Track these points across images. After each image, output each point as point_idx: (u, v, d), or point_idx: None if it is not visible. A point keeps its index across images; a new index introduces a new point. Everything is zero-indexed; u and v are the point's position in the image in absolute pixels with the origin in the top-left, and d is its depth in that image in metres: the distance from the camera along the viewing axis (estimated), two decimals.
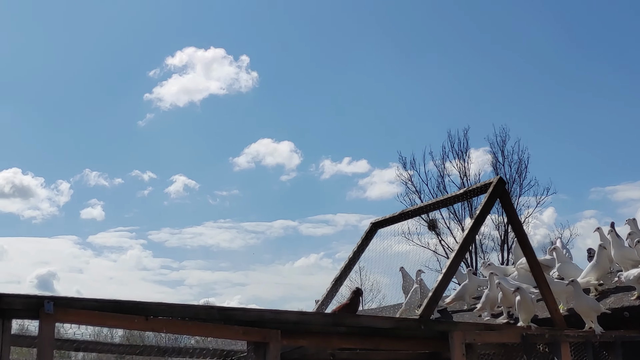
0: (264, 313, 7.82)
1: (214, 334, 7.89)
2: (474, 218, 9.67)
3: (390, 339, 8.76)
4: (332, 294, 10.97)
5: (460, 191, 10.63)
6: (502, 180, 9.81)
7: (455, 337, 8.50)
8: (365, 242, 11.22)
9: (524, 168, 36.59)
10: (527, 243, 9.89)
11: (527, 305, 9.43)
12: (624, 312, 9.55)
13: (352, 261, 11.09)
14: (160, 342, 11.46)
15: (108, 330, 10.98)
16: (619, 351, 9.19)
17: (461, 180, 37.29)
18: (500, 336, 9.07)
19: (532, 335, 8.99)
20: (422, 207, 11.24)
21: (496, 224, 36.13)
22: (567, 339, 8.96)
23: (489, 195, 9.67)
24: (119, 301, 6.93)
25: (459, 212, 36.60)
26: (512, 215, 9.99)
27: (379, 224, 11.31)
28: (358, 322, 8.54)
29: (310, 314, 8.93)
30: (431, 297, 9.04)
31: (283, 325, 7.84)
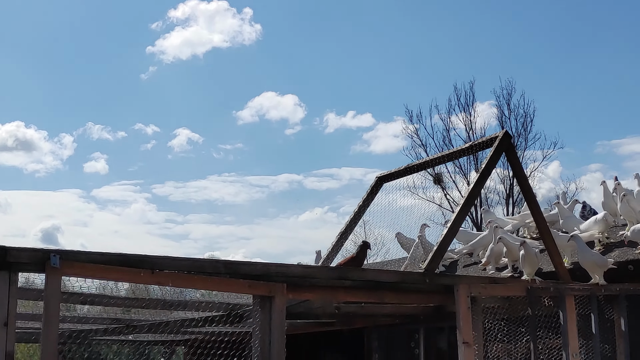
0: (269, 267, 7.84)
1: (220, 288, 7.93)
2: (479, 172, 9.65)
3: (395, 292, 8.80)
4: (338, 247, 11.00)
5: (466, 145, 10.58)
6: (507, 134, 9.77)
7: (460, 290, 8.53)
8: (371, 197, 11.21)
9: (529, 121, 36.41)
10: (532, 197, 9.87)
11: (532, 258, 9.43)
12: (628, 265, 9.56)
13: (358, 215, 11.10)
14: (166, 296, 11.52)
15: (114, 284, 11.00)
16: (624, 304, 9.21)
17: (467, 134, 37.16)
18: (506, 289, 9.10)
19: (537, 289, 9.01)
20: (427, 161, 11.21)
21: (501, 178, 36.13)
22: (571, 292, 8.99)
23: (494, 149, 9.62)
24: (125, 254, 6.96)
25: (464, 166, 36.56)
26: (517, 169, 9.97)
27: (384, 178, 11.28)
28: (363, 275, 8.58)
29: (315, 268, 9.00)
30: (436, 251, 9.05)
31: (289, 278, 7.87)
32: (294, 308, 8.51)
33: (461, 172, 36.73)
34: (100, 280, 7.27)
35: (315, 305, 9.25)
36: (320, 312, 9.95)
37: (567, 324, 8.82)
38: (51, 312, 6.39)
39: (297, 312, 8.97)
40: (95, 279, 7.09)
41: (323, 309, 9.80)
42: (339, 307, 9.86)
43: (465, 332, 8.50)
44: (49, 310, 6.38)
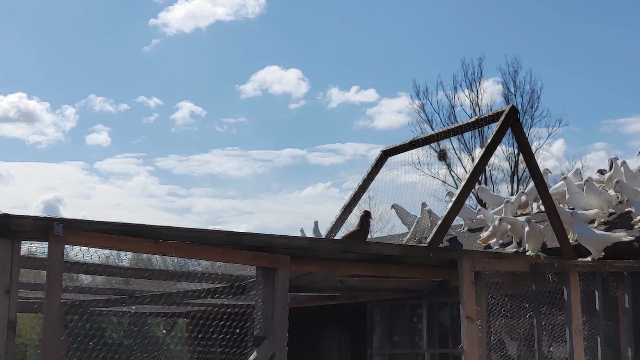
0: (273, 238, 7.81)
1: (223, 259, 7.92)
2: (484, 147, 9.58)
3: (399, 266, 8.77)
4: (341, 221, 10.96)
5: (472, 119, 10.51)
6: (514, 108, 9.68)
7: (464, 265, 8.50)
8: (375, 170, 11.15)
9: (536, 99, 36.42)
10: (537, 173, 9.80)
11: (536, 234, 9.40)
12: (633, 242, 9.51)
13: (362, 189, 11.05)
14: (169, 267, 11.52)
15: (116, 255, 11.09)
16: (628, 281, 9.17)
17: (472, 110, 37.16)
18: (510, 265, 9.06)
19: (541, 265, 8.98)
20: (433, 135, 11.13)
21: (506, 155, 36.10)
22: (576, 268, 8.95)
23: (500, 124, 9.55)
24: (128, 224, 6.94)
25: (469, 142, 36.54)
26: (523, 145, 9.88)
27: (390, 151, 11.22)
28: (367, 248, 8.55)
29: (319, 240, 8.97)
30: (440, 225, 9.00)
31: (292, 250, 7.84)
32: (297, 281, 8.49)
33: (466, 148, 36.76)
34: (103, 249, 7.25)
35: (319, 278, 9.24)
36: (323, 285, 9.94)
37: (570, 300, 8.79)
38: (54, 281, 6.37)
39: (300, 284, 8.95)
40: (98, 248, 7.07)
41: (326, 282, 9.79)
42: (342, 280, 9.85)
43: (469, 307, 8.48)
44: (52, 279, 6.36)
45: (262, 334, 7.60)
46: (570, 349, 8.73)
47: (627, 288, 9.19)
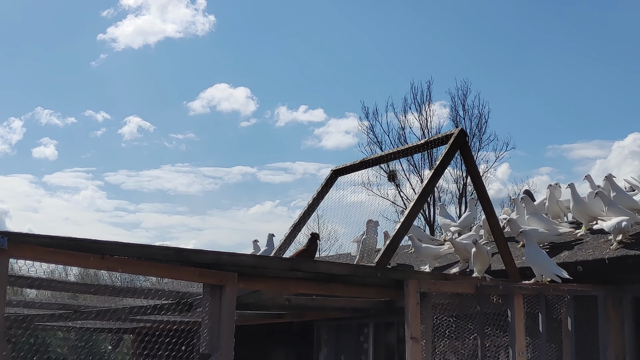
0: (221, 255, 7.78)
1: (170, 275, 7.85)
2: (433, 168, 9.68)
3: (347, 285, 8.80)
4: (290, 239, 10.97)
5: (422, 141, 10.61)
6: (463, 131, 9.80)
7: (410, 286, 8.56)
8: (325, 189, 11.19)
9: (484, 122, 36.80)
10: (485, 195, 9.93)
11: (483, 256, 9.52)
12: (577, 266, 9.68)
13: (312, 208, 11.08)
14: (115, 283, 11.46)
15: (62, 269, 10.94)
16: (571, 305, 9.32)
17: (422, 132, 37.41)
18: (455, 286, 9.15)
19: (486, 286, 9.08)
20: (383, 156, 11.20)
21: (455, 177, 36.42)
22: (520, 290, 9.06)
23: (449, 146, 9.66)
24: (74, 238, 6.87)
25: (418, 164, 36.80)
26: (471, 167, 10.01)
27: (340, 171, 11.27)
28: (315, 267, 8.56)
29: (267, 258, 8.96)
30: (388, 246, 9.06)
31: (240, 268, 7.82)
32: (244, 298, 8.47)
33: (415, 170, 37.00)
34: (49, 264, 7.16)
35: (266, 296, 9.22)
36: (271, 303, 9.91)
37: (514, 322, 8.89)
38: None
39: (248, 302, 8.92)
40: (44, 263, 6.99)
41: (274, 300, 9.77)
42: (289, 298, 9.85)
43: (414, 328, 8.52)
44: None
45: (208, 352, 7.56)
46: None
47: (570, 311, 9.34)
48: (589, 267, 9.60)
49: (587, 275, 9.61)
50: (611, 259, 9.40)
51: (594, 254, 9.69)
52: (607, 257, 9.45)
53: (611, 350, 9.41)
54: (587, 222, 10.64)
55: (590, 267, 9.59)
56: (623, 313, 9.57)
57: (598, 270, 9.56)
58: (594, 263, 9.56)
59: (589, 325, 9.50)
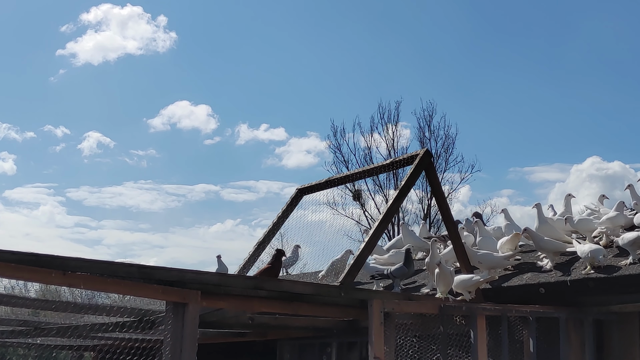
0: (184, 273, 7.75)
1: (133, 292, 7.79)
2: (398, 188, 9.73)
3: (311, 304, 8.79)
4: (254, 258, 10.95)
5: (387, 161, 10.67)
6: (428, 152, 9.88)
7: (374, 305, 8.56)
8: (290, 208, 11.20)
9: (450, 143, 36.99)
10: (449, 216, 10.02)
11: (446, 277, 9.55)
12: (539, 288, 9.75)
13: (276, 226, 11.07)
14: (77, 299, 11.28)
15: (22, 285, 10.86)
16: (534, 326, 9.37)
17: (388, 152, 37.52)
18: (419, 306, 9.17)
19: (449, 307, 9.11)
20: (348, 176, 11.26)
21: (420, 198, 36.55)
22: (483, 311, 9.10)
23: (414, 167, 9.73)
24: (36, 254, 6.79)
25: (384, 184, 36.89)
26: (436, 188, 10.08)
27: (305, 190, 11.28)
28: (279, 286, 8.54)
29: (231, 276, 8.92)
30: (353, 265, 9.09)
31: (203, 286, 7.79)
32: (207, 317, 8.44)
33: (381, 190, 37.07)
34: (10, 279, 7.09)
35: (229, 315, 9.19)
36: (234, 322, 9.88)
37: (477, 343, 8.92)
38: None
39: (211, 320, 8.88)
40: (4, 278, 6.91)
41: (237, 319, 9.74)
42: (252, 317, 9.82)
43: (377, 347, 8.52)
44: None
45: None
46: None
47: (533, 332, 9.39)
48: (551, 289, 9.67)
49: (549, 297, 9.68)
50: (573, 281, 9.48)
51: (556, 276, 9.76)
52: (569, 279, 9.53)
53: None
54: None
55: (552, 289, 9.66)
56: (584, 335, 9.64)
57: (560, 292, 9.63)
58: (556, 285, 9.63)
59: (550, 346, 9.55)
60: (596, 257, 9.43)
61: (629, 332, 9.69)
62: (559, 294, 9.66)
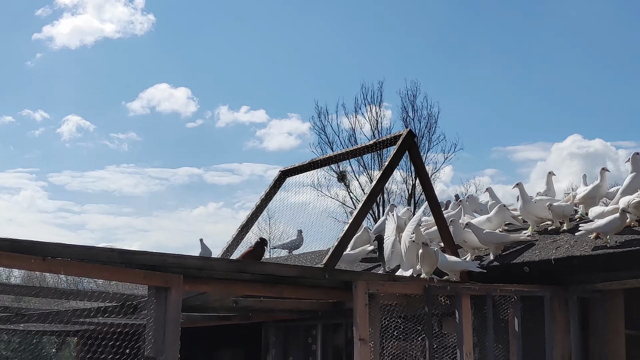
0: (166, 257, 7.67)
1: (114, 277, 7.70)
2: (382, 169, 9.67)
3: (295, 287, 8.74)
4: (238, 240, 10.87)
5: (371, 142, 10.60)
6: (411, 132, 9.82)
7: (358, 287, 8.52)
8: (274, 190, 11.12)
9: (433, 123, 36.96)
10: (433, 195, 9.98)
11: (430, 258, 9.50)
12: (524, 267, 9.72)
13: (260, 209, 10.99)
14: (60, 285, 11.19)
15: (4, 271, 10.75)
16: (518, 305, 9.35)
17: (372, 133, 37.48)
18: (403, 287, 9.14)
19: (434, 288, 9.08)
20: (332, 157, 11.16)
21: (404, 178, 36.54)
22: (467, 291, 9.06)
23: (398, 147, 9.67)
24: (15, 240, 6.69)
25: (368, 164, 36.87)
26: (419, 168, 10.02)
27: (288, 172, 11.21)
28: (262, 269, 8.47)
29: (213, 260, 8.84)
30: (336, 247, 9.03)
31: (186, 270, 7.71)
32: (190, 300, 8.36)
33: (365, 171, 37.04)
34: None
35: (213, 298, 9.13)
36: (218, 305, 9.83)
37: (462, 323, 8.89)
38: None
39: (195, 304, 8.81)
40: None
41: (221, 302, 9.69)
42: (237, 300, 9.77)
43: (362, 329, 8.49)
44: None
45: (153, 355, 7.42)
46: None
47: (517, 312, 9.36)
48: (536, 268, 9.64)
49: (534, 276, 9.66)
50: (557, 260, 9.45)
51: (540, 254, 9.74)
52: (554, 258, 9.50)
53: (557, 350, 9.46)
54: (534, 223, 10.70)
55: (537, 268, 9.63)
56: (569, 313, 9.62)
57: (545, 271, 9.61)
58: (541, 264, 9.60)
59: (535, 325, 9.54)
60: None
61: (613, 310, 9.67)
62: (543, 272, 9.63)
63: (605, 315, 9.67)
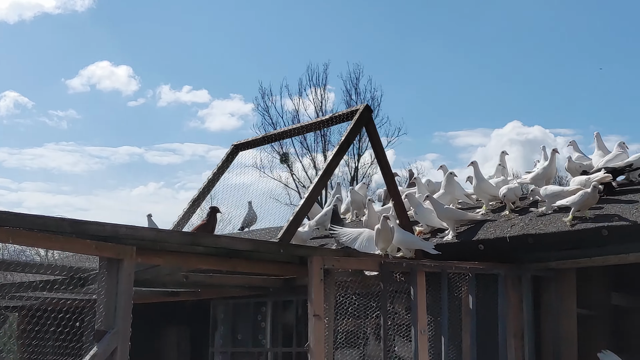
0: (119, 228, 7.44)
1: (65, 248, 7.46)
2: (338, 144, 9.54)
3: (249, 261, 8.59)
4: (189, 215, 10.64)
5: (327, 117, 10.46)
6: (368, 107, 9.70)
7: (314, 262, 8.37)
8: (226, 164, 10.90)
9: (376, 106, 36.90)
10: (390, 173, 9.90)
11: (387, 234, 9.40)
12: (478, 244, 9.70)
13: (212, 182, 10.75)
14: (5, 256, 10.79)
15: None
16: (473, 283, 9.31)
17: (316, 114, 37.25)
18: (359, 263, 9.03)
19: (389, 264, 8.98)
20: (285, 131, 10.96)
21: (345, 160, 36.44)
22: (422, 268, 8.99)
23: (355, 122, 9.55)
24: None
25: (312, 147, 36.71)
26: (376, 143, 9.87)
27: (241, 146, 11.02)
28: (217, 242, 8.28)
29: (167, 232, 8.61)
30: (292, 222, 8.89)
31: (139, 242, 7.51)
32: (140, 274, 8.11)
33: (308, 153, 36.88)
34: None
35: (164, 272, 8.93)
36: (168, 280, 9.63)
37: (417, 300, 8.81)
38: None
39: (143, 279, 8.57)
40: None
41: (171, 277, 9.49)
42: (187, 275, 9.58)
43: (317, 305, 8.35)
44: None
45: (104, 328, 7.22)
46: (415, 349, 8.74)
47: (472, 289, 9.33)
48: (491, 246, 9.62)
49: (488, 254, 9.64)
50: (512, 238, 9.44)
51: (495, 232, 9.72)
52: (509, 235, 9.48)
53: (510, 328, 9.46)
54: (487, 201, 10.69)
55: (491, 245, 9.61)
56: (522, 291, 9.63)
57: (499, 248, 9.59)
58: (496, 242, 9.58)
59: (488, 303, 9.53)
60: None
61: (565, 289, 9.73)
62: (498, 250, 9.62)
63: (558, 293, 9.71)
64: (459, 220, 10.24)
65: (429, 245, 9.53)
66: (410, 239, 9.57)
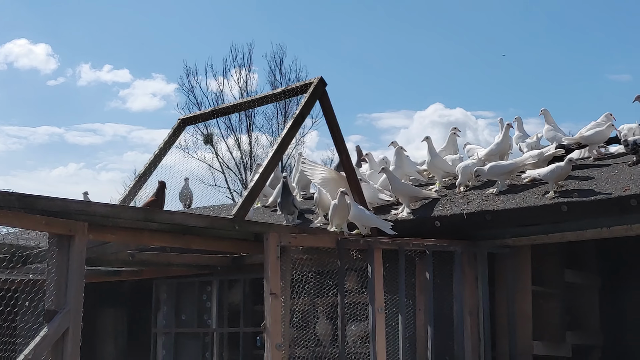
0: (69, 203, 7.09)
1: (12, 223, 7.02)
2: (293, 118, 9.25)
3: (203, 238, 8.28)
4: (135, 191, 10.23)
5: (278, 90, 10.14)
6: (323, 80, 9.41)
7: (270, 239, 8.12)
8: (172, 139, 10.50)
9: None
10: (344, 148, 9.68)
11: (343, 210, 9.16)
12: (435, 221, 9.55)
13: (158, 157, 10.32)
14: None
15: None
16: (430, 259, 9.15)
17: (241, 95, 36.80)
18: (316, 240, 8.79)
19: (346, 241, 8.77)
20: (234, 105, 10.61)
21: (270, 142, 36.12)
22: (380, 245, 8.80)
23: (309, 95, 9.28)
24: None
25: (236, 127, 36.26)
26: (330, 118, 9.59)
27: (188, 120, 10.67)
28: (171, 218, 7.94)
29: (120, 208, 8.23)
30: (246, 197, 8.59)
31: (90, 217, 7.14)
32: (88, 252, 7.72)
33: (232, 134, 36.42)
34: None
35: (109, 251, 8.56)
36: (113, 259, 9.25)
37: (374, 278, 8.61)
38: None
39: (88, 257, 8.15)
40: None
41: (116, 256, 9.13)
42: (133, 254, 9.24)
43: (274, 283, 8.12)
44: None
45: (55, 308, 6.85)
46: (372, 327, 8.55)
47: (429, 267, 9.17)
48: (447, 223, 9.48)
49: (444, 231, 9.50)
50: (470, 214, 9.32)
51: (452, 209, 9.58)
52: (466, 212, 9.36)
53: (466, 305, 9.34)
54: (441, 178, 10.57)
55: (448, 222, 9.48)
56: (477, 269, 9.52)
57: (455, 225, 9.46)
58: (452, 218, 9.45)
59: (444, 281, 9.40)
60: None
61: (521, 266, 9.66)
62: (454, 227, 9.48)
63: (513, 271, 9.63)
64: (414, 197, 10.07)
65: (386, 224, 9.31)
66: (366, 216, 9.34)
